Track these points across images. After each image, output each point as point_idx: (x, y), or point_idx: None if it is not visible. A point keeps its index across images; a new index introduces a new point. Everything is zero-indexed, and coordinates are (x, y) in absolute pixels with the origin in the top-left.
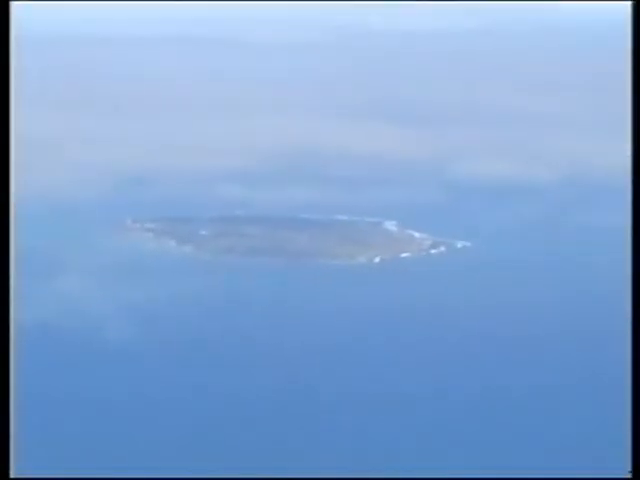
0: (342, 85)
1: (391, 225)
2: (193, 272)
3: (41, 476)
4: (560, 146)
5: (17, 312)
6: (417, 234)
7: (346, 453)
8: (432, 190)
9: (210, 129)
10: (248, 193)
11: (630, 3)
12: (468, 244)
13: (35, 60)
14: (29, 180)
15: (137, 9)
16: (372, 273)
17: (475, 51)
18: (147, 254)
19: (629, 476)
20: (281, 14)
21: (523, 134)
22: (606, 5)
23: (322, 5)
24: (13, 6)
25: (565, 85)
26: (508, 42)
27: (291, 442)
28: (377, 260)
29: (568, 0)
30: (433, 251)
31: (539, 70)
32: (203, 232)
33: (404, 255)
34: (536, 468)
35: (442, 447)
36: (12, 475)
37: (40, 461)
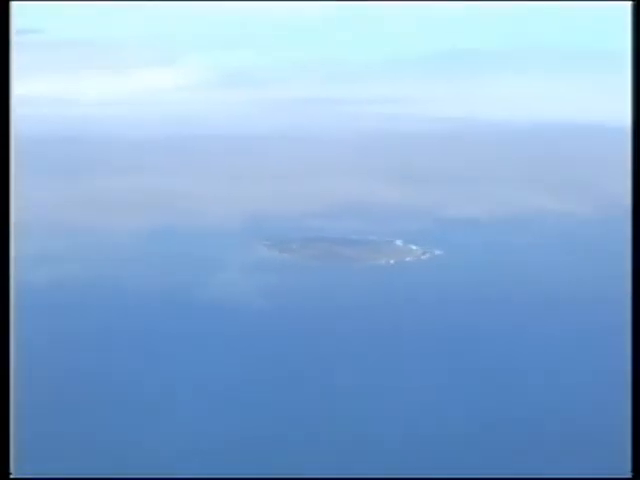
0: (377, 161)
1: (399, 242)
2: (290, 269)
3: (41, 476)
4: (508, 196)
5: (195, 295)
6: (414, 247)
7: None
8: (423, 223)
9: (296, 188)
10: (319, 224)
11: (630, 3)
12: (442, 252)
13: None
14: (188, 220)
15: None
16: (390, 269)
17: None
18: (263, 259)
19: (629, 476)
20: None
21: (485, 189)
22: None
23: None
24: (13, 6)
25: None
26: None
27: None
28: (392, 262)
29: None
30: (422, 257)
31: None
32: (294, 246)
33: (407, 259)
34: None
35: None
36: (12, 475)
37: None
